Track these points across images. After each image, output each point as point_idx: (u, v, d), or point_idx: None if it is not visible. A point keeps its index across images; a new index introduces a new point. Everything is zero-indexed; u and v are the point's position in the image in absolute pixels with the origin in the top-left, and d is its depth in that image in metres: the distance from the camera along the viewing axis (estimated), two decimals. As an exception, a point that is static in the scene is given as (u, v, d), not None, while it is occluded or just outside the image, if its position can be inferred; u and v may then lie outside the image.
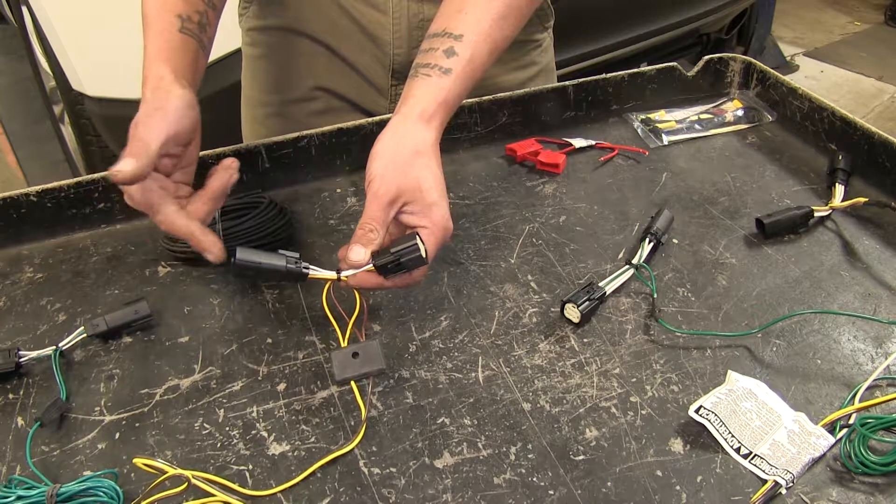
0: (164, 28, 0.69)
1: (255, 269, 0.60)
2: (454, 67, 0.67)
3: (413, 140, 0.64)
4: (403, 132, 0.65)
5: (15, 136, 2.73)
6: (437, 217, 0.63)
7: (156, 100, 0.64)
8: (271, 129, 0.97)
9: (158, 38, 0.68)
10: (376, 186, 0.63)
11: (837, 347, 0.65)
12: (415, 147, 0.64)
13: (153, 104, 0.63)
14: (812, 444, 0.56)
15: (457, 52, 0.67)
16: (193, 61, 0.69)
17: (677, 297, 0.71)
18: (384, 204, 0.62)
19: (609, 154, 0.92)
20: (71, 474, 0.56)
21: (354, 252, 0.61)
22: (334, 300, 0.65)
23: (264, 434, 0.59)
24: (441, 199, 0.63)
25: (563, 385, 0.62)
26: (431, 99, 0.66)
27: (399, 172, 0.63)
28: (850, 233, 0.79)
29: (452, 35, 0.68)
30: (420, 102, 0.66)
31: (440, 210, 0.63)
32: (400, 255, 0.60)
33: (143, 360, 0.65)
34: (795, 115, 0.96)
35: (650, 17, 2.25)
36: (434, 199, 0.63)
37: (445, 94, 0.66)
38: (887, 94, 3.19)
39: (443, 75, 0.66)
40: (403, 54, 0.88)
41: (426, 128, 0.65)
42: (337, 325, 0.65)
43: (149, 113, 0.63)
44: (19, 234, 0.79)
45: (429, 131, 0.65)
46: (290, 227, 0.78)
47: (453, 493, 0.54)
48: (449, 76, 0.66)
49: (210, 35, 0.73)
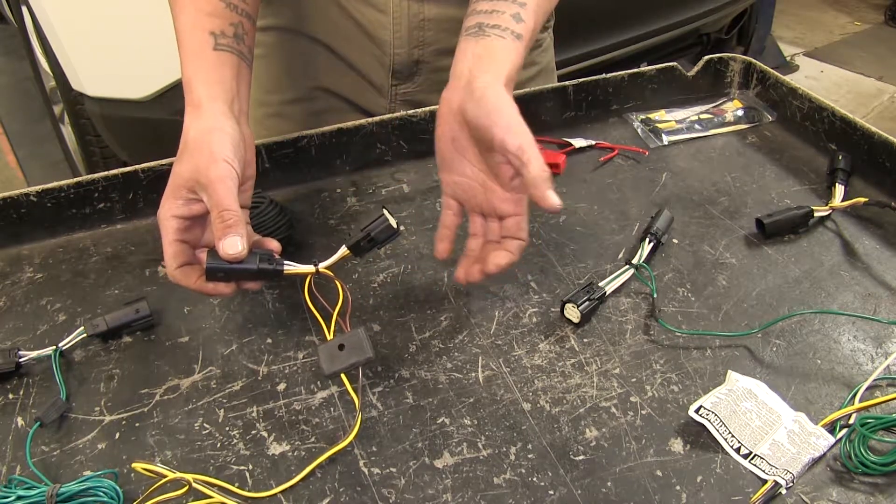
0: (194, 47, 0.67)
1: (225, 271, 0.60)
2: (524, 34, 0.65)
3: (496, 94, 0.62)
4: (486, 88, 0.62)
5: (15, 136, 2.73)
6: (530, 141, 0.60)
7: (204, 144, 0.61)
8: (271, 129, 0.97)
9: (191, 57, 0.66)
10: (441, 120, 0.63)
11: (837, 347, 0.66)
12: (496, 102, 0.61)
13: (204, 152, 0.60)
14: (812, 444, 0.56)
15: (523, 18, 0.66)
16: (234, 77, 0.67)
17: (677, 297, 0.71)
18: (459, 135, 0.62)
19: (609, 154, 0.92)
20: (71, 474, 0.56)
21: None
22: (316, 293, 0.63)
23: (264, 434, 0.59)
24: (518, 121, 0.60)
25: (563, 385, 0.62)
26: (511, 65, 0.64)
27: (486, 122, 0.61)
28: (850, 233, 0.79)
29: (517, 1, 0.66)
30: (504, 66, 0.63)
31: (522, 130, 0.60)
32: (370, 230, 0.61)
33: (143, 360, 0.65)
34: (795, 115, 0.96)
35: (650, 17, 2.25)
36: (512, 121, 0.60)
37: (520, 60, 0.65)
38: (887, 94, 3.19)
39: (515, 40, 0.65)
40: (404, 54, 0.88)
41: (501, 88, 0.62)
42: (322, 319, 0.65)
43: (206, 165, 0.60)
44: (19, 234, 0.79)
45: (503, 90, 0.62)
46: (290, 227, 0.78)
47: (453, 493, 0.54)
48: (520, 42, 0.65)
49: (249, 44, 0.71)
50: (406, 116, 0.89)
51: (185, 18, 0.68)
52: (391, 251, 0.77)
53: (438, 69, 0.90)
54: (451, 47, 0.85)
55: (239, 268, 0.59)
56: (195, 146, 0.61)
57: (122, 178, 0.80)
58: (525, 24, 0.65)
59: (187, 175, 0.60)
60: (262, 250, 0.62)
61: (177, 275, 0.61)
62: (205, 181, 0.59)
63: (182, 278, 0.61)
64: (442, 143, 0.65)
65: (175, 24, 0.69)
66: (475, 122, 0.61)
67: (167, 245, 0.61)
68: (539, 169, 0.59)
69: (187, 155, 0.61)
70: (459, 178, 0.65)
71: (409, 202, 0.84)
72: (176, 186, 0.60)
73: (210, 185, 0.59)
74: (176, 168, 0.61)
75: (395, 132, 0.89)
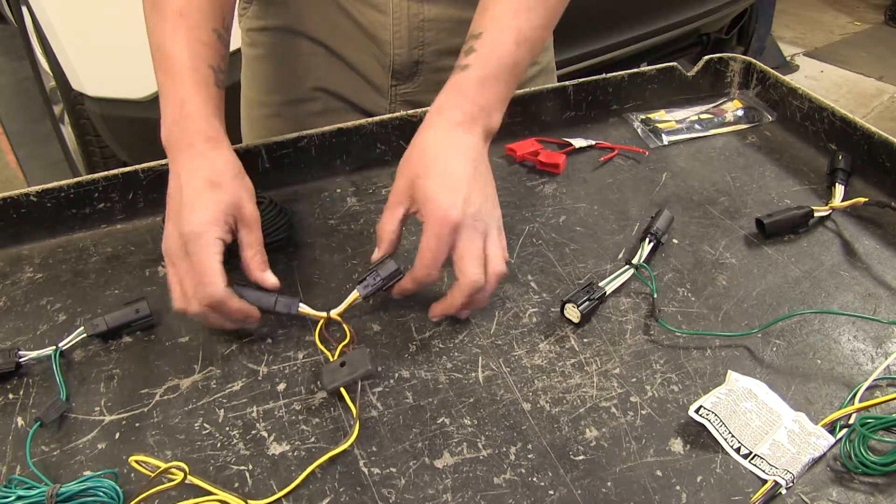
0: (203, 81, 0.67)
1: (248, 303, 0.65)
2: (472, 63, 0.67)
3: (422, 139, 0.66)
4: (418, 135, 0.66)
5: (15, 136, 2.73)
6: (431, 208, 0.61)
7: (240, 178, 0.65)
8: (271, 129, 0.97)
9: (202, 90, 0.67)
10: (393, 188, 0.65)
11: (837, 347, 0.66)
12: (421, 144, 0.65)
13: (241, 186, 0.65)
14: (812, 444, 0.56)
15: (475, 48, 0.68)
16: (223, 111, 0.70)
17: (677, 297, 0.71)
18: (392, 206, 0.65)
19: (609, 154, 0.92)
20: (71, 474, 0.56)
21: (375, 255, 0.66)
22: (326, 335, 0.67)
23: (264, 434, 0.59)
24: (439, 190, 0.61)
25: (563, 385, 0.62)
26: (445, 96, 0.67)
27: (404, 169, 0.65)
28: (850, 233, 0.79)
29: (473, 35, 0.69)
30: (437, 102, 0.67)
31: (435, 202, 0.61)
32: (377, 273, 0.66)
33: (143, 360, 0.65)
34: (795, 115, 0.96)
35: (650, 17, 2.25)
36: (429, 192, 0.62)
37: (460, 86, 0.67)
38: (887, 94, 3.20)
39: (460, 72, 0.67)
40: (404, 54, 0.88)
41: (438, 121, 0.66)
42: (331, 355, 0.65)
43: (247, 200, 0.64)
44: (19, 234, 0.79)
45: (439, 124, 0.66)
46: (290, 227, 0.78)
47: (453, 493, 0.54)
48: (466, 71, 0.67)
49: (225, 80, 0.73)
50: (406, 116, 0.89)
51: (180, 43, 0.68)
52: (391, 251, 0.77)
53: (438, 69, 0.90)
54: (451, 48, 0.86)
55: (258, 303, 0.65)
56: (232, 179, 0.64)
57: (122, 178, 0.80)
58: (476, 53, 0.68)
59: (230, 205, 0.63)
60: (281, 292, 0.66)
61: (224, 294, 0.61)
62: (249, 218, 0.64)
63: (227, 298, 0.61)
64: None
65: (162, 42, 0.69)
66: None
67: (214, 264, 0.61)
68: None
69: (226, 186, 0.63)
70: None
71: (409, 202, 0.84)
72: (219, 213, 0.62)
73: (252, 222, 0.64)
74: (216, 195, 0.63)
75: (395, 132, 0.89)
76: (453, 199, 0.61)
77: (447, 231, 0.61)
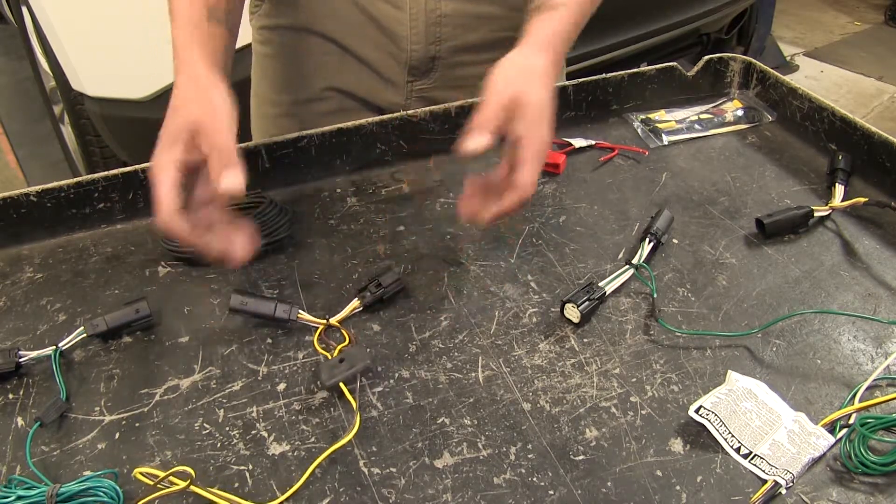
0: (192, 17, 0.70)
1: (246, 312, 0.67)
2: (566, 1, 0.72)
3: (524, 63, 0.68)
4: (516, 57, 0.69)
5: (15, 136, 2.73)
6: (540, 131, 0.65)
7: (205, 97, 0.64)
8: (282, 128, 0.97)
9: (188, 25, 0.69)
10: (488, 95, 0.66)
11: (837, 347, 0.66)
12: (528, 64, 0.68)
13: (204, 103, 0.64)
14: (812, 444, 0.56)
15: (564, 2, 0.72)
16: (224, 48, 0.71)
17: (677, 297, 0.71)
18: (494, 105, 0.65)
19: (609, 154, 0.92)
20: (71, 474, 0.56)
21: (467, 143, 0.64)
22: (326, 340, 0.67)
23: (264, 434, 0.59)
24: (541, 117, 0.65)
25: (563, 385, 0.62)
26: (543, 33, 0.70)
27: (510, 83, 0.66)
28: (850, 233, 0.79)
29: None
30: (533, 36, 0.70)
31: (543, 125, 0.65)
32: (378, 278, 0.69)
33: (143, 360, 0.65)
34: (795, 115, 0.96)
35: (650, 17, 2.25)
36: (539, 114, 0.65)
37: (555, 26, 0.71)
38: (887, 94, 3.19)
39: (553, 11, 0.71)
40: (420, 50, 0.88)
41: (537, 55, 0.69)
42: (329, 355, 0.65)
43: (207, 113, 0.63)
44: (19, 234, 0.79)
45: (539, 58, 0.69)
46: (290, 227, 0.78)
47: (453, 493, 0.54)
48: (558, 11, 0.71)
49: (236, 20, 0.75)
50: (406, 116, 0.89)
51: None
52: (391, 251, 0.77)
53: (454, 65, 0.91)
54: (467, 44, 0.87)
55: (258, 310, 0.66)
56: (196, 98, 0.64)
57: (122, 178, 0.80)
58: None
59: (189, 120, 0.62)
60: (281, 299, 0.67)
61: (172, 219, 0.60)
62: (209, 125, 0.61)
63: (175, 223, 0.60)
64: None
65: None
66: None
67: (164, 190, 0.60)
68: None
69: (187, 106, 0.63)
70: None
71: (409, 202, 0.84)
72: (174, 133, 0.62)
73: (213, 128, 0.61)
74: (172, 119, 0.62)
75: (395, 132, 0.89)
76: (547, 126, 0.66)
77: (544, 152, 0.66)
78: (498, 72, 0.67)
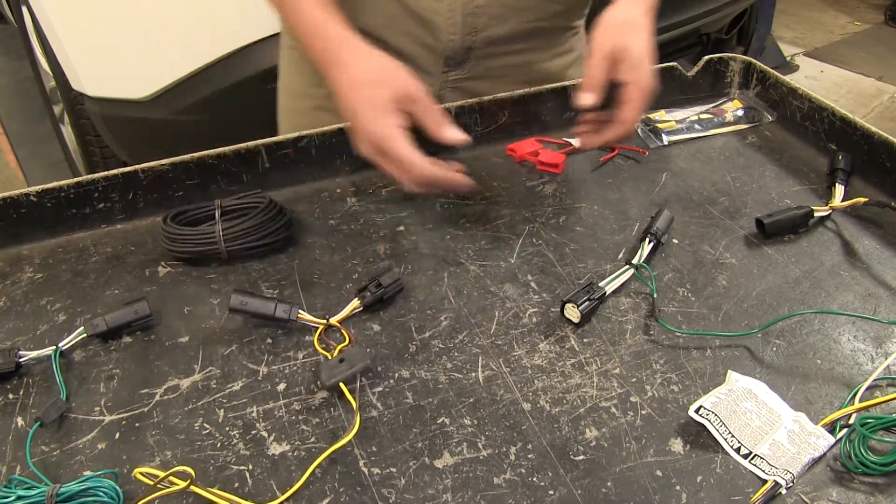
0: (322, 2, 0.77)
1: (245, 311, 0.67)
2: None
3: (624, 14, 0.79)
4: (614, 12, 0.79)
5: (15, 136, 2.73)
6: (640, 74, 0.76)
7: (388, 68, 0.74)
8: (315, 121, 0.96)
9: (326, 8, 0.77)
10: (595, 48, 0.77)
11: (837, 347, 0.66)
12: (625, 18, 0.79)
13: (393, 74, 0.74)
14: (812, 444, 0.56)
15: None
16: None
17: (677, 297, 0.71)
18: (600, 60, 0.76)
19: (609, 154, 0.92)
20: (71, 474, 0.56)
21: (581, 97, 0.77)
22: (326, 340, 0.67)
23: (264, 434, 0.59)
24: (645, 61, 0.76)
25: (563, 385, 0.62)
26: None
27: (611, 35, 0.77)
28: (850, 233, 0.79)
29: None
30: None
31: (643, 69, 0.76)
32: (378, 278, 0.69)
33: (143, 360, 0.65)
34: (795, 115, 0.96)
35: (650, 17, 2.25)
36: (639, 59, 0.75)
37: None
38: (887, 94, 3.20)
39: None
40: (457, 41, 0.90)
41: (632, 8, 0.80)
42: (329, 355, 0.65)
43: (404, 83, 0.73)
44: (19, 234, 0.79)
45: (634, 10, 0.80)
46: (290, 227, 0.78)
47: (453, 493, 0.54)
48: None
49: None
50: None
51: None
52: (391, 251, 0.77)
53: (487, 56, 0.93)
54: (500, 35, 0.92)
55: (258, 310, 0.67)
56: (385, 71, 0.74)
57: (122, 178, 0.80)
58: None
59: (395, 94, 0.71)
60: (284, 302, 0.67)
61: (430, 168, 0.71)
62: (413, 93, 0.72)
63: (434, 170, 0.72)
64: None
65: None
66: None
67: (408, 150, 0.70)
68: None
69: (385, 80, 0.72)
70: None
71: (409, 202, 0.84)
72: (382, 104, 0.71)
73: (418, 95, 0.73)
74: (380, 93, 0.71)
75: (395, 132, 0.89)
76: (648, 69, 0.76)
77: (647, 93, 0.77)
78: (600, 28, 0.78)
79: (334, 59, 0.75)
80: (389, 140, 0.70)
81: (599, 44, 0.76)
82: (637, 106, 0.76)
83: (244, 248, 0.75)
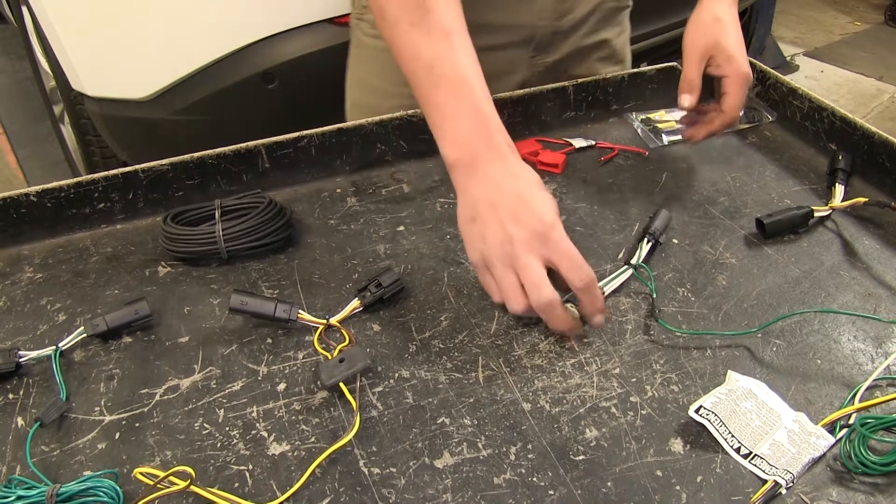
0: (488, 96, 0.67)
1: (246, 311, 0.67)
2: None
3: (713, 11, 0.85)
4: (701, 12, 0.86)
5: (15, 136, 2.73)
6: (737, 66, 0.83)
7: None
8: None
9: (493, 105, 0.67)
10: (688, 49, 0.85)
11: (837, 347, 0.66)
12: (714, 15, 0.85)
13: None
14: (812, 444, 0.56)
15: None
16: None
17: (677, 297, 0.71)
18: (695, 60, 0.83)
19: (609, 154, 0.92)
20: (71, 474, 0.56)
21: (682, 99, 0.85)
22: (326, 340, 0.67)
23: (264, 434, 0.59)
24: (738, 53, 0.83)
25: (563, 385, 0.62)
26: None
27: (702, 35, 0.84)
28: (850, 233, 0.79)
29: None
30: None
31: (738, 61, 0.83)
32: (378, 278, 0.69)
33: (143, 360, 0.65)
34: (795, 115, 0.96)
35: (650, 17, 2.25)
36: (732, 52, 0.82)
37: None
38: (887, 94, 3.20)
39: None
40: (548, 25, 0.94)
41: (717, 4, 0.86)
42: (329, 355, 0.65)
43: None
44: (19, 234, 0.79)
45: (720, 6, 0.86)
46: (290, 227, 0.78)
47: (453, 493, 0.54)
48: None
49: None
50: (406, 116, 0.89)
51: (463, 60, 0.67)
52: (391, 251, 0.77)
53: (572, 40, 0.98)
54: (583, 18, 0.98)
55: (258, 310, 0.66)
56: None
57: (122, 178, 0.80)
58: None
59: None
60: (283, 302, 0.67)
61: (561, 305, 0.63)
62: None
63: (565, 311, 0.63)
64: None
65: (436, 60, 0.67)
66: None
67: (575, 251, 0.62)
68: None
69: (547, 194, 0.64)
70: None
71: (409, 202, 0.84)
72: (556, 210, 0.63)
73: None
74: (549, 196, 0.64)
75: (394, 132, 0.89)
76: (743, 60, 0.83)
77: (748, 82, 0.84)
78: (690, 28, 0.85)
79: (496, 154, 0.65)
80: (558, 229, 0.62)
81: (692, 44, 0.83)
82: (738, 95, 0.83)
83: (244, 248, 0.75)
